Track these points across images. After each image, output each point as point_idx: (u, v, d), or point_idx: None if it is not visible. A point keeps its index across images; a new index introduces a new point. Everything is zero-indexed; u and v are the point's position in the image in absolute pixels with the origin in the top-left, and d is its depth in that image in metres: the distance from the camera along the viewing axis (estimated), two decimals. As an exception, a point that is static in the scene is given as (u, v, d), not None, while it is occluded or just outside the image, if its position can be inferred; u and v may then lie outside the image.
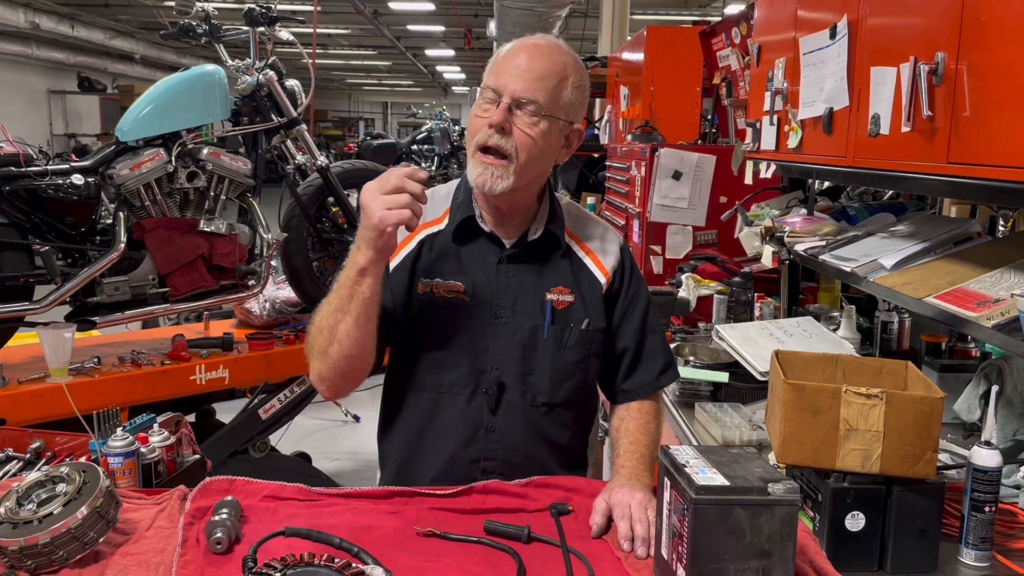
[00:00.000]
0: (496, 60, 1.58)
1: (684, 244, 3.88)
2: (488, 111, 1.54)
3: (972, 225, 2.11)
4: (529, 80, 1.53)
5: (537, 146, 1.55)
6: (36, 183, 2.87)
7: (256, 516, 1.40)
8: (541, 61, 1.55)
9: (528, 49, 1.56)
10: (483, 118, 1.54)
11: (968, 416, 2.04)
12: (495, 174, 1.53)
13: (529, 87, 1.52)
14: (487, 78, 1.57)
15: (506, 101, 1.52)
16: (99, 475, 1.33)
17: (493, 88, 1.54)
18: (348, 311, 1.48)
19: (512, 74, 1.53)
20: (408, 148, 14.76)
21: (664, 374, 1.73)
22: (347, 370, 1.54)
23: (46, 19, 13.75)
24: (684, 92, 4.84)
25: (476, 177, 1.55)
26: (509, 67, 1.54)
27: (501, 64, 1.56)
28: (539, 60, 1.55)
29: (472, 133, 1.56)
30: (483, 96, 1.56)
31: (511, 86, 1.53)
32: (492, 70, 1.57)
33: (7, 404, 2.75)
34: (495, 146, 1.53)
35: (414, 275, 1.61)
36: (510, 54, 1.57)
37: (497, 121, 1.52)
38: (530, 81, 1.53)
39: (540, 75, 1.54)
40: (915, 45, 1.75)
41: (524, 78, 1.53)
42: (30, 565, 1.22)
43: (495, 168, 1.53)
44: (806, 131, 2.39)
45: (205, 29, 3.36)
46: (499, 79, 1.54)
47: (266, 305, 3.78)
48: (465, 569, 1.27)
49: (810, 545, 1.32)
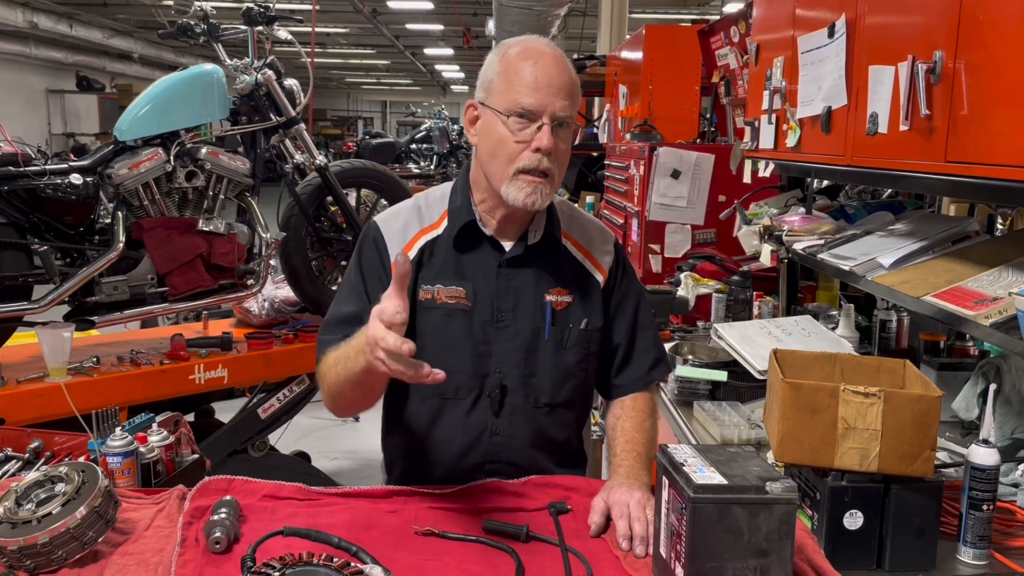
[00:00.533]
0: (512, 72, 1.53)
1: (683, 243, 3.88)
2: (525, 132, 1.51)
3: (970, 224, 2.12)
4: (562, 97, 1.52)
5: (567, 158, 1.57)
6: (35, 183, 2.87)
7: (255, 515, 1.40)
8: (561, 73, 1.53)
9: (545, 60, 1.53)
10: (524, 143, 1.51)
11: (966, 414, 2.04)
12: (542, 192, 1.53)
13: (566, 105, 1.52)
14: (510, 94, 1.52)
15: (547, 123, 1.50)
16: (98, 475, 1.33)
17: (530, 109, 1.50)
18: (357, 384, 1.47)
19: (545, 92, 1.50)
20: (407, 147, 14.76)
21: (655, 368, 1.73)
22: (358, 409, 1.60)
23: (44, 18, 13.74)
24: (683, 91, 4.84)
25: (525, 198, 1.52)
26: (539, 84, 1.50)
27: (525, 79, 1.51)
28: (560, 72, 1.53)
29: (510, 157, 1.52)
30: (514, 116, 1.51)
31: (550, 107, 1.50)
32: (514, 85, 1.52)
33: (6, 404, 2.75)
34: (546, 169, 1.52)
35: (416, 283, 1.60)
36: (527, 66, 1.52)
37: (548, 147, 1.50)
38: (564, 98, 1.52)
39: (569, 89, 1.53)
40: (913, 44, 1.75)
41: (559, 95, 1.51)
42: (29, 565, 1.23)
43: (542, 186, 1.53)
44: (804, 130, 2.39)
45: (203, 28, 3.36)
46: (533, 98, 1.50)
47: (265, 304, 3.78)
48: (464, 568, 1.27)
49: (808, 544, 1.32)
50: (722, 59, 4.25)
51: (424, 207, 1.68)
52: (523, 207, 1.54)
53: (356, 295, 1.63)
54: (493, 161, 1.55)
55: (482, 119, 1.58)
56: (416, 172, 13.21)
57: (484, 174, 1.59)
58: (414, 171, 13.24)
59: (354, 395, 1.52)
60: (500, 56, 1.58)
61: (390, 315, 1.26)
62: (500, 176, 1.54)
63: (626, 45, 5.76)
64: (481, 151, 1.59)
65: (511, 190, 1.53)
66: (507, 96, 1.52)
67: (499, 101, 1.53)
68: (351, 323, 1.57)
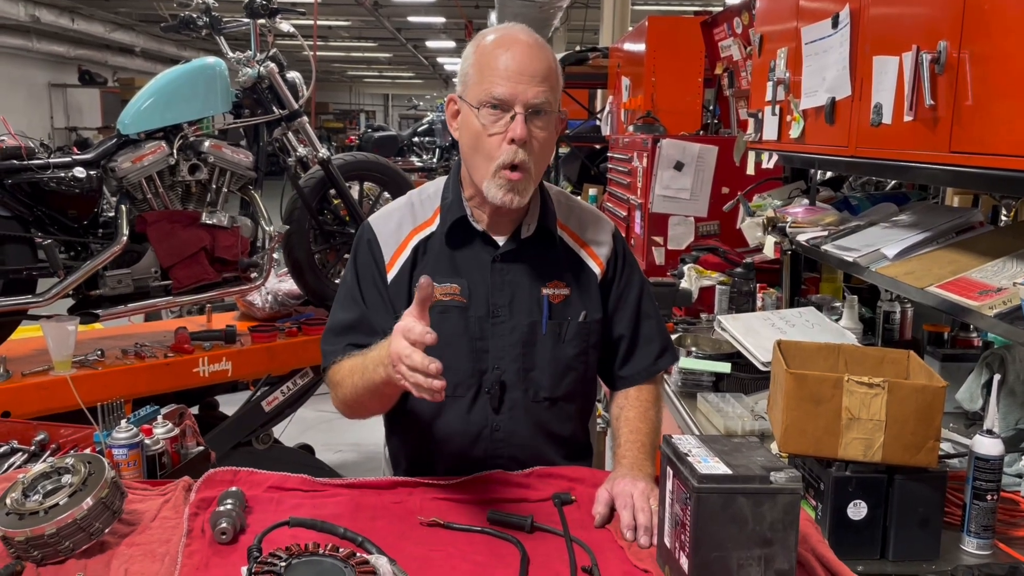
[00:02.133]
0: (485, 62, 1.49)
1: (686, 235, 3.88)
2: (499, 123, 1.47)
3: (974, 214, 2.11)
4: (536, 83, 1.47)
5: (546, 149, 1.54)
6: (38, 176, 2.87)
7: (260, 507, 1.41)
8: (535, 60, 1.48)
9: (517, 47, 1.49)
10: (499, 134, 1.48)
11: (970, 405, 2.04)
12: (520, 189, 1.50)
13: (539, 92, 1.47)
14: (483, 85, 1.48)
15: (520, 112, 1.46)
16: (104, 466, 1.33)
17: (501, 99, 1.46)
18: (375, 394, 1.48)
19: (517, 80, 1.46)
20: (409, 140, 14.74)
21: (661, 357, 1.72)
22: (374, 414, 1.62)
23: (46, 12, 13.72)
24: (686, 83, 4.83)
25: (502, 196, 1.49)
26: (510, 72, 1.46)
27: (497, 69, 1.47)
28: (533, 59, 1.48)
29: (489, 152, 1.48)
30: (486, 108, 1.47)
31: (522, 95, 1.46)
32: (486, 75, 1.48)
33: (11, 397, 2.76)
34: (521, 162, 1.48)
35: (411, 281, 1.60)
36: (499, 55, 1.48)
37: (521, 136, 1.46)
38: (538, 84, 1.47)
39: (544, 75, 1.48)
40: (917, 34, 1.74)
41: (532, 83, 1.46)
42: (36, 556, 1.23)
43: (519, 183, 1.49)
44: (808, 121, 2.38)
45: (205, 21, 3.35)
46: (504, 87, 1.46)
47: (268, 297, 3.79)
48: (469, 558, 1.27)
49: (812, 533, 1.32)
50: (725, 50, 4.24)
51: (417, 204, 1.67)
52: (502, 205, 1.51)
53: (353, 302, 1.63)
54: (475, 156, 1.53)
55: (461, 113, 1.56)
56: (418, 165, 13.21)
57: (468, 170, 1.58)
58: (416, 164, 13.24)
59: (372, 404, 1.54)
60: (475, 47, 1.54)
61: (418, 335, 1.26)
62: (482, 173, 1.52)
63: (629, 37, 5.75)
64: (463, 147, 1.56)
65: (491, 188, 1.50)
66: (479, 87, 1.49)
67: (473, 94, 1.50)
68: (351, 331, 1.58)
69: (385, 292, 1.60)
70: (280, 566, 1.12)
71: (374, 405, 1.55)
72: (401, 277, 1.60)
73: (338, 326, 1.62)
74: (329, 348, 1.61)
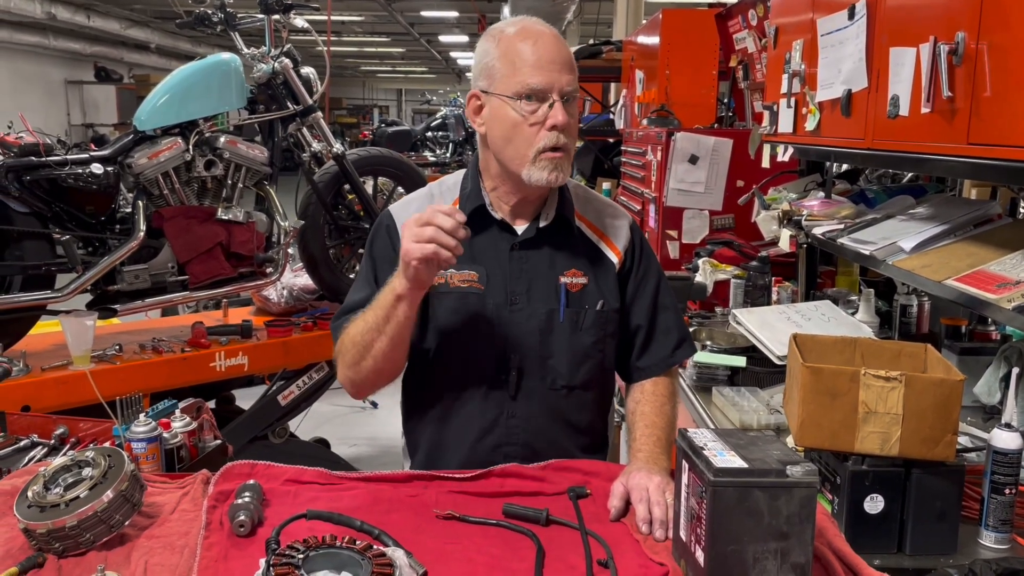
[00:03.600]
0: (514, 54, 1.53)
1: (701, 229, 3.86)
2: (538, 113, 1.52)
3: (992, 207, 2.10)
4: (566, 71, 1.53)
5: (576, 132, 1.59)
6: (56, 173, 2.89)
7: (278, 499, 1.42)
8: (561, 49, 1.55)
9: (544, 38, 1.54)
10: (538, 123, 1.52)
11: (988, 399, 2.03)
12: (563, 167, 1.55)
13: (571, 79, 1.54)
14: (517, 77, 1.52)
15: (558, 99, 1.52)
16: (124, 459, 1.34)
17: (539, 89, 1.51)
18: (384, 332, 1.51)
19: (550, 69, 1.51)
20: (423, 135, 14.75)
21: (679, 349, 1.73)
22: (377, 379, 1.61)
23: (62, 9, 13.80)
24: (700, 75, 4.80)
25: (548, 176, 1.53)
26: (543, 62, 1.51)
27: (528, 60, 1.52)
28: (560, 48, 1.55)
29: (528, 140, 1.53)
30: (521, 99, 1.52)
31: (557, 83, 1.52)
32: (519, 67, 1.52)
33: (31, 391, 2.78)
34: (563, 144, 1.54)
35: None
36: (527, 47, 1.53)
37: (564, 122, 1.52)
38: (568, 72, 1.54)
39: (570, 64, 1.55)
40: (935, 25, 1.73)
41: (563, 71, 1.53)
42: (57, 548, 1.25)
43: (560, 162, 1.54)
44: (824, 113, 2.37)
45: (220, 17, 3.37)
46: (541, 77, 1.51)
47: (284, 292, 3.81)
48: (484, 551, 1.28)
49: (829, 527, 1.32)
50: (740, 43, 4.21)
51: (437, 194, 1.70)
52: (547, 185, 1.55)
53: (367, 284, 1.64)
54: (509, 146, 1.55)
55: (488, 107, 1.58)
56: (432, 160, 13.22)
57: (499, 161, 1.59)
58: (430, 159, 13.25)
59: (378, 352, 1.53)
60: (496, 41, 1.57)
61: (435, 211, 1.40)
62: (520, 160, 1.54)
63: (642, 30, 5.72)
64: (494, 139, 1.58)
65: (534, 172, 1.54)
66: (513, 79, 1.52)
67: (505, 86, 1.53)
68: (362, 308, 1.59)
69: None
70: (298, 558, 1.13)
71: (381, 353, 1.53)
72: None
73: (350, 305, 1.64)
74: (338, 324, 1.63)
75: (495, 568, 1.23)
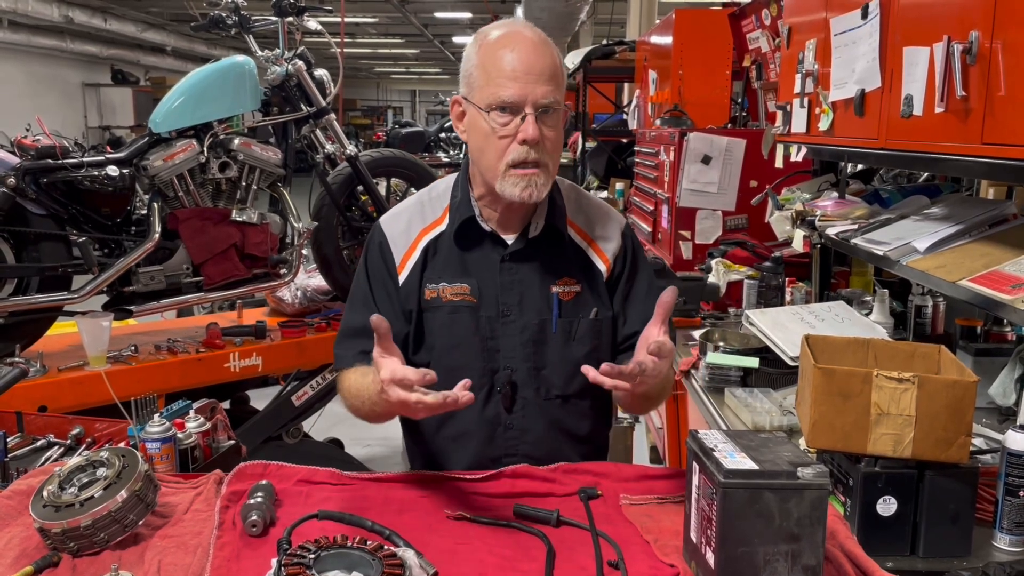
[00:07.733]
0: (490, 63, 1.48)
1: (714, 229, 3.85)
2: (509, 126, 1.47)
3: (1007, 207, 2.08)
4: (543, 83, 1.46)
5: (557, 145, 1.54)
6: (73, 175, 2.92)
7: (290, 500, 1.43)
8: (541, 57, 1.48)
9: (522, 46, 1.48)
10: (509, 136, 1.48)
11: (1003, 400, 2.01)
12: (537, 183, 1.50)
13: (548, 91, 1.47)
14: (490, 88, 1.47)
15: (531, 113, 1.46)
16: (138, 460, 1.36)
17: (511, 102, 1.46)
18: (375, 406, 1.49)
19: (524, 81, 1.45)
20: (436, 136, 14.76)
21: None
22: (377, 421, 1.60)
23: (79, 13, 13.93)
24: (713, 75, 4.79)
25: (520, 191, 1.49)
26: (517, 72, 1.45)
27: (503, 70, 1.46)
28: (540, 57, 1.48)
29: (498, 153, 1.48)
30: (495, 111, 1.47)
31: (531, 95, 1.45)
32: (493, 77, 1.47)
33: (48, 391, 2.81)
34: (534, 160, 1.48)
35: (421, 281, 1.61)
36: (504, 55, 1.47)
37: (534, 137, 1.46)
38: (545, 83, 1.47)
39: (551, 73, 1.48)
40: (948, 24, 1.72)
41: (539, 82, 1.46)
42: (72, 547, 1.26)
43: (535, 177, 1.49)
44: (837, 113, 2.36)
45: (235, 20, 3.39)
46: (512, 89, 1.45)
47: (298, 293, 3.82)
48: (495, 552, 1.28)
49: (840, 529, 1.31)
50: (753, 42, 4.20)
51: (427, 202, 1.67)
52: (521, 201, 1.51)
53: (364, 306, 1.64)
54: (483, 158, 1.53)
55: (467, 115, 1.55)
56: (445, 161, 13.21)
57: (478, 170, 1.58)
58: (443, 160, 13.24)
59: (377, 419, 1.56)
60: (478, 46, 1.53)
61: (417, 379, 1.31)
62: (492, 173, 1.52)
63: (656, 30, 5.72)
64: (471, 148, 1.56)
65: (505, 186, 1.50)
66: (486, 90, 1.48)
67: (479, 96, 1.50)
68: (362, 336, 1.57)
69: (396, 295, 1.62)
70: (309, 558, 1.14)
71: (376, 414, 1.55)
72: (412, 279, 1.62)
73: (350, 329, 1.64)
74: (340, 352, 1.63)
75: (506, 569, 1.24)
